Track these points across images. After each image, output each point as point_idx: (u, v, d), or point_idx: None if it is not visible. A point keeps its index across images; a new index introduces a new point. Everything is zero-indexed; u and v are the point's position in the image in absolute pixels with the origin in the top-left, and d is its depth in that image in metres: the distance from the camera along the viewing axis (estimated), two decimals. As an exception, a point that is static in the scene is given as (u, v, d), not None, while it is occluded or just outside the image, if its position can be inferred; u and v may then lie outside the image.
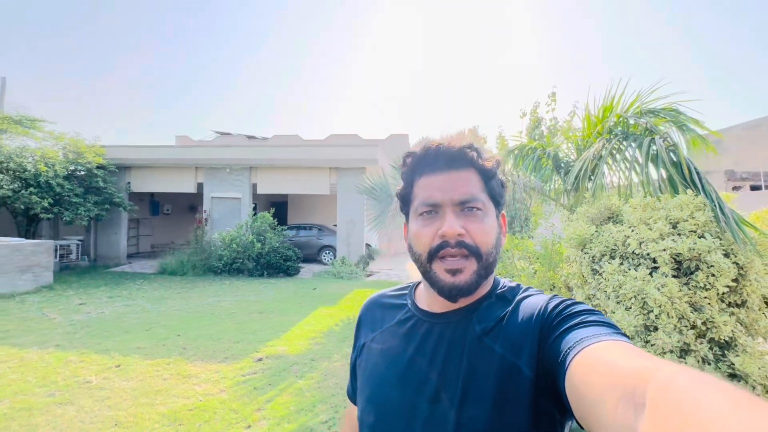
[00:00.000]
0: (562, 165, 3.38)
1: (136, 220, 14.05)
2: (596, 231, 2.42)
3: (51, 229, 11.93)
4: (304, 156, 11.26)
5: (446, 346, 0.59)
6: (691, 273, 1.87)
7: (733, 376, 1.80)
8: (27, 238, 9.78)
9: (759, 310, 1.83)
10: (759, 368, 1.72)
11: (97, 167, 10.39)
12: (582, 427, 0.41)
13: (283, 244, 10.06)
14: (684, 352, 1.91)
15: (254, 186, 11.63)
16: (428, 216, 0.60)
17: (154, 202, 15.02)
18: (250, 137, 18.02)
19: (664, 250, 1.86)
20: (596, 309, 0.51)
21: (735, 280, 1.80)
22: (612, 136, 2.70)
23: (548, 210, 3.96)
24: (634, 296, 2.00)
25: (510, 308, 0.59)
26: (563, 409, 0.49)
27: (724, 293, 1.80)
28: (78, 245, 11.39)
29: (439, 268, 0.58)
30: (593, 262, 2.37)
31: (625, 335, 0.46)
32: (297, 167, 11.42)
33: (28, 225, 10.26)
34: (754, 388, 1.73)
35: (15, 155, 9.07)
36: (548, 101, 4.81)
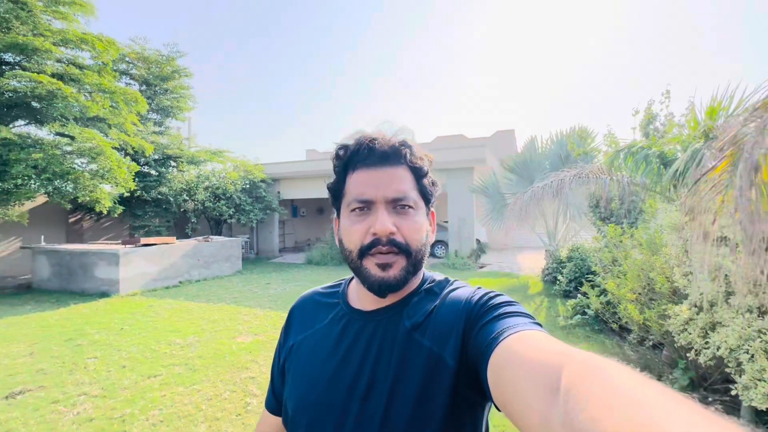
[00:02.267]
0: (668, 163, 3.82)
1: (282, 222, 17.34)
2: (689, 220, 2.98)
3: (228, 230, 15.70)
4: (417, 160, 12.57)
5: (378, 344, 0.60)
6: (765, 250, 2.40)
7: (804, 330, 2.28)
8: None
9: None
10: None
11: (261, 181, 13.41)
12: (499, 410, 0.44)
13: (402, 239, 11.52)
14: (762, 313, 2.44)
15: (374, 189, 13.43)
16: (360, 212, 0.60)
17: (293, 207, 18.24)
18: (364, 145, 20.31)
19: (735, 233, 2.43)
20: (514, 301, 0.56)
21: (805, 255, 2.28)
22: (709, 139, 3.17)
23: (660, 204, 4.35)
24: (717, 269, 2.59)
25: (438, 302, 0.61)
26: (484, 396, 0.51)
27: (795, 265, 2.30)
28: (247, 242, 14.80)
29: (369, 264, 0.59)
30: (686, 243, 2.94)
31: (540, 325, 0.50)
32: (410, 171, 12.80)
33: (216, 227, 13.84)
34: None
35: (211, 177, 12.44)
36: (662, 99, 5.06)
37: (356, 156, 0.62)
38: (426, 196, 0.65)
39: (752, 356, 2.38)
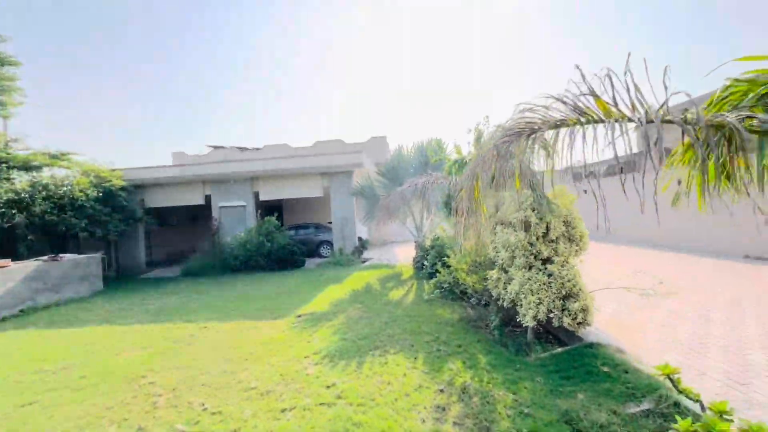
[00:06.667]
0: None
1: (148, 232, 15.53)
2: (498, 211, 4.41)
3: (76, 248, 13.36)
4: (299, 165, 12.98)
5: None
6: (529, 228, 3.87)
7: (549, 275, 3.80)
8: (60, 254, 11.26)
9: (561, 243, 3.84)
10: (557, 270, 3.73)
11: (120, 188, 11.91)
12: None
13: (288, 242, 11.84)
14: (530, 267, 3.91)
15: (256, 194, 13.32)
16: None
17: (161, 215, 16.48)
18: (242, 149, 19.54)
19: (515, 218, 3.85)
20: None
21: (547, 230, 3.80)
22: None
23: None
24: (507, 242, 3.99)
25: None
26: None
27: (543, 235, 3.81)
28: (104, 258, 12.89)
29: None
30: (494, 227, 4.36)
31: None
32: (293, 175, 13.16)
33: (61, 243, 11.72)
34: (562, 283, 3.73)
35: (53, 185, 10.54)
36: (483, 122, 6.77)
37: None
38: None
39: (525, 296, 3.81)
